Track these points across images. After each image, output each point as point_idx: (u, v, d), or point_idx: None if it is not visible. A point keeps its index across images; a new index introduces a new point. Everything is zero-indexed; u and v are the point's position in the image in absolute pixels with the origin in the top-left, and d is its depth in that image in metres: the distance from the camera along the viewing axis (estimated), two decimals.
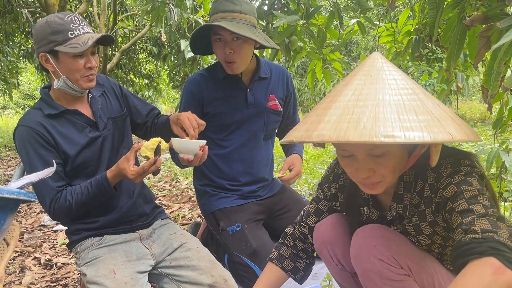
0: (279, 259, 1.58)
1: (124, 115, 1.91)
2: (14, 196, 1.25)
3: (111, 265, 1.66)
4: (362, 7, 3.21)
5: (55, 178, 1.65)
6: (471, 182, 1.11)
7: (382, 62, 1.14)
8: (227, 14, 1.92)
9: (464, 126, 1.05)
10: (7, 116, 17.52)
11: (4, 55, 8.21)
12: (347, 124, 0.99)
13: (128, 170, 1.57)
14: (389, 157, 1.14)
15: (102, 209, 1.79)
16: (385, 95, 1.03)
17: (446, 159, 1.17)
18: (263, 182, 2.27)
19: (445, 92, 3.29)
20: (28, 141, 1.65)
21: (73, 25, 1.62)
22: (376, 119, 0.98)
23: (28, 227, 3.72)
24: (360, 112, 1.00)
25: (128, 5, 10.51)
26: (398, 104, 1.01)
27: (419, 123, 0.97)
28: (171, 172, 5.57)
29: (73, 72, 1.64)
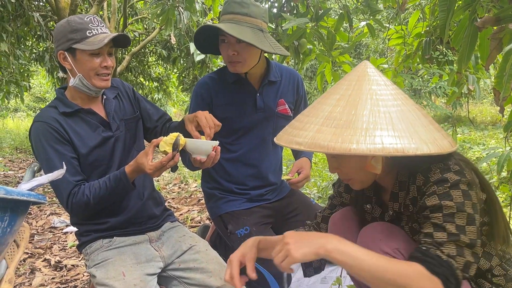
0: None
1: (137, 118, 1.94)
2: (24, 198, 1.25)
3: (120, 267, 1.66)
4: (372, 10, 3.20)
5: (72, 172, 1.68)
6: (453, 196, 1.13)
7: (370, 72, 1.23)
8: (233, 16, 1.92)
9: (433, 140, 1.12)
10: (18, 119, 17.68)
11: (15, 58, 8.30)
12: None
13: (146, 165, 1.57)
14: (343, 158, 1.27)
15: (112, 210, 1.80)
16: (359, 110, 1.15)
17: (436, 163, 1.19)
18: (271, 186, 2.25)
19: (456, 94, 3.27)
20: (44, 136, 1.68)
21: (92, 24, 1.67)
22: (302, 128, 1.20)
23: (38, 229, 3.74)
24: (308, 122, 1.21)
25: (138, 9, 10.58)
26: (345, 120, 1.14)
27: (332, 135, 1.12)
28: (180, 174, 5.58)
29: (89, 70, 1.68)
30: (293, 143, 1.18)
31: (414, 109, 1.18)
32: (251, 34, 1.89)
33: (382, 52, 13.37)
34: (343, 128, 1.11)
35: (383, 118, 1.12)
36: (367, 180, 1.32)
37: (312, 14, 3.14)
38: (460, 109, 13.31)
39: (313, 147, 1.12)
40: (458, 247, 1.10)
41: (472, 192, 1.14)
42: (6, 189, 1.13)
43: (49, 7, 8.33)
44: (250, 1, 1.93)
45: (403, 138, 1.09)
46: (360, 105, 1.15)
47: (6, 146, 9.49)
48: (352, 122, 1.12)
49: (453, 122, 4.14)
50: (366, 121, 1.11)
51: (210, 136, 1.67)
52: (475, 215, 1.12)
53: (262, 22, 1.96)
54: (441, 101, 14.68)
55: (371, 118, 1.12)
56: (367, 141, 1.08)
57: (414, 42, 3.64)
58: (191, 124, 1.74)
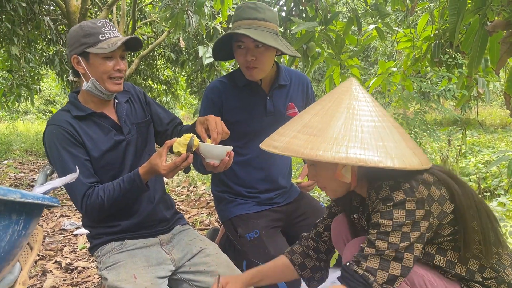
0: (290, 252, 1.69)
1: (148, 122, 1.95)
2: (39, 201, 1.27)
3: (131, 269, 1.68)
4: (381, 13, 3.20)
5: (86, 174, 1.70)
6: (393, 216, 1.21)
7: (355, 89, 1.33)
8: (250, 22, 1.92)
9: (403, 155, 1.20)
10: (28, 121, 17.85)
11: (26, 62, 8.39)
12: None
13: (161, 166, 1.59)
14: (321, 167, 1.38)
15: (123, 214, 1.81)
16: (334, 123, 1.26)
17: (388, 180, 1.26)
18: (280, 189, 2.26)
19: (465, 98, 3.26)
20: (58, 139, 1.70)
21: (104, 28, 1.70)
22: (281, 134, 1.34)
23: (49, 231, 3.78)
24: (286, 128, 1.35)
25: (146, 12, 10.65)
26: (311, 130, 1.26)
27: (304, 141, 1.23)
28: (189, 177, 5.60)
29: (102, 74, 1.71)
30: (271, 146, 1.31)
31: (389, 126, 1.27)
32: (271, 39, 1.90)
33: (390, 55, 13.33)
34: (315, 136, 1.22)
35: (354, 130, 1.22)
36: (340, 189, 1.41)
37: (320, 18, 3.15)
38: (469, 111, 13.23)
39: (286, 151, 1.24)
40: (382, 261, 1.19)
41: (419, 211, 1.20)
42: (22, 193, 1.15)
43: (59, 11, 8.40)
44: (264, 6, 1.95)
45: (368, 150, 1.18)
46: (336, 117, 1.26)
47: (16, 148, 9.58)
48: (324, 131, 1.23)
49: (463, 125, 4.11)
50: (337, 131, 1.22)
51: (216, 141, 1.68)
52: (411, 233, 1.20)
53: (276, 26, 1.98)
54: (450, 103, 14.60)
55: (342, 129, 1.22)
56: (333, 150, 1.18)
57: (423, 45, 3.64)
58: (201, 126, 1.76)
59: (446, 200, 1.25)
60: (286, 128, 1.34)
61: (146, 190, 1.73)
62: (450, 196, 1.26)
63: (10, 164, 7.52)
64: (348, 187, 1.40)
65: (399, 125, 1.32)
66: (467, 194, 1.28)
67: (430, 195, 1.23)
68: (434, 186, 1.25)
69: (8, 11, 7.13)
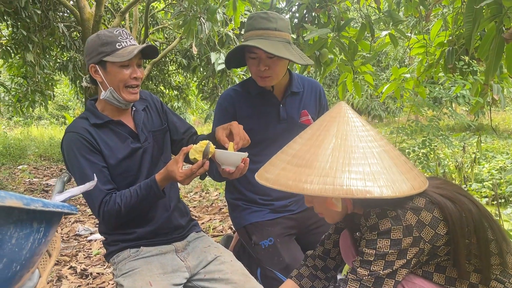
0: (298, 277, 1.66)
1: (164, 130, 1.97)
2: (59, 209, 1.29)
3: (147, 276, 1.69)
4: (394, 20, 3.19)
5: (103, 181, 1.72)
6: (377, 245, 1.21)
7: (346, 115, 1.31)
8: (263, 32, 1.93)
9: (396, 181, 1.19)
10: (42, 127, 18.05)
11: (41, 68, 8.51)
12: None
13: (177, 172, 1.60)
14: (313, 196, 1.35)
15: (139, 221, 1.83)
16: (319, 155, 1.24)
17: (376, 208, 1.25)
18: (295, 196, 2.26)
19: (480, 104, 3.23)
20: (76, 146, 1.72)
21: (121, 37, 1.72)
22: (273, 164, 1.34)
23: (63, 236, 3.82)
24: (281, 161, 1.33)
25: (158, 18, 10.74)
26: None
27: (293, 173, 1.23)
28: (201, 183, 5.62)
29: (119, 82, 1.73)
30: (263, 178, 1.30)
31: (380, 151, 1.24)
32: (284, 49, 1.91)
33: (402, 60, 13.28)
34: (303, 168, 1.21)
35: (342, 158, 1.20)
36: (336, 215, 1.41)
37: (333, 25, 3.15)
38: (482, 117, 13.10)
39: (275, 184, 1.23)
40: (362, 286, 1.22)
41: (406, 239, 1.19)
42: (43, 202, 1.17)
43: (73, 18, 8.52)
44: (276, 15, 1.96)
45: (355, 180, 1.16)
46: (324, 146, 1.24)
47: (30, 153, 9.69)
48: (311, 162, 1.21)
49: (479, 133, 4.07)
50: (325, 161, 1.20)
51: (238, 146, 1.70)
52: (396, 261, 1.20)
53: (288, 35, 1.99)
54: (463, 109, 14.48)
55: (330, 159, 1.20)
56: (320, 182, 1.16)
57: (437, 51, 3.62)
58: (222, 131, 1.77)
59: (439, 222, 1.24)
60: (277, 158, 1.34)
61: (163, 196, 1.74)
62: (444, 217, 1.24)
63: (25, 169, 7.61)
64: (345, 212, 1.39)
65: (392, 148, 1.29)
66: (465, 211, 1.26)
67: (420, 221, 1.22)
68: (425, 210, 1.23)
69: (23, 18, 7.25)
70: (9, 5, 6.74)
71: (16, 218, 1.09)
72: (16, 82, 9.36)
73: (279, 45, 1.91)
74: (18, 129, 16.73)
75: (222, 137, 1.75)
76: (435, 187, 1.30)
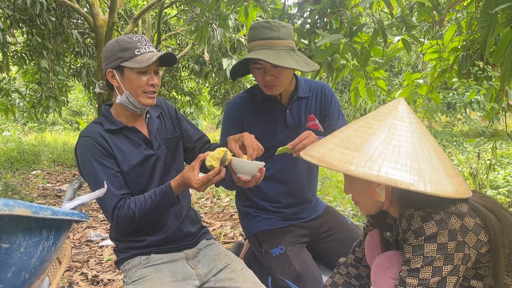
0: (333, 285, 1.66)
1: (177, 138, 1.97)
2: (68, 217, 1.29)
3: (157, 284, 1.67)
4: (407, 25, 3.16)
5: (117, 186, 1.72)
6: (424, 250, 1.19)
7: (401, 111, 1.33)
8: (266, 42, 1.92)
9: (439, 180, 1.18)
10: (56, 132, 18.25)
11: (55, 74, 8.62)
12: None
13: (193, 179, 1.59)
14: (356, 181, 1.36)
15: (150, 229, 1.82)
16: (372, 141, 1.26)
17: (419, 211, 1.23)
18: (305, 204, 2.24)
19: (495, 110, 3.18)
20: (90, 151, 1.73)
21: (140, 43, 1.73)
22: (320, 144, 1.37)
23: (75, 242, 3.83)
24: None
25: (171, 25, 10.82)
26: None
27: (340, 154, 1.25)
28: (213, 189, 5.62)
29: (136, 88, 1.74)
30: (308, 155, 1.33)
31: (430, 151, 1.24)
32: (289, 58, 1.90)
33: (415, 66, 13.18)
34: (351, 151, 1.23)
35: (391, 150, 1.21)
36: (373, 207, 1.40)
37: (345, 30, 3.13)
38: (497, 122, 12.93)
39: (320, 162, 1.26)
40: None
41: (451, 243, 1.18)
42: (52, 210, 1.17)
43: (87, 25, 8.62)
44: (279, 24, 1.94)
45: (402, 171, 1.16)
46: (376, 135, 1.25)
47: (44, 159, 9.79)
48: (361, 147, 1.22)
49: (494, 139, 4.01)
50: (374, 149, 1.21)
51: (252, 158, 1.68)
52: (443, 267, 1.18)
53: (292, 42, 1.97)
54: (477, 114, 14.31)
55: (379, 148, 1.21)
56: (366, 166, 1.17)
57: (450, 56, 3.57)
58: (235, 143, 1.76)
59: (481, 229, 1.22)
60: (326, 140, 1.35)
61: (178, 203, 1.72)
62: (485, 226, 1.23)
63: (38, 174, 7.69)
64: (381, 206, 1.38)
65: (442, 151, 1.29)
66: (507, 224, 1.24)
67: (463, 225, 1.20)
68: (468, 215, 1.22)
69: (38, 25, 7.36)
70: (24, 12, 6.84)
71: (25, 227, 1.08)
72: (31, 88, 9.51)
73: (283, 54, 1.90)
74: (32, 134, 16.94)
75: (235, 149, 1.73)
76: (477, 198, 1.29)
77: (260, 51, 1.90)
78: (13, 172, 8.04)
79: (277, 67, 1.90)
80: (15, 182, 6.79)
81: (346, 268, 1.68)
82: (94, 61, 9.57)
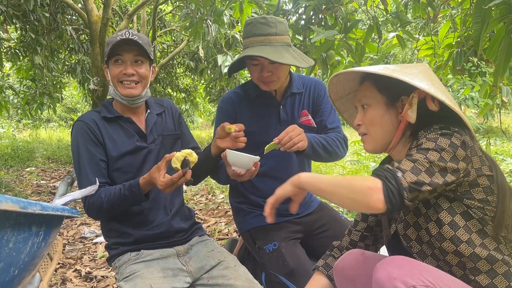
0: (325, 267, 1.62)
1: (176, 136, 2.01)
2: (59, 213, 1.28)
3: (148, 280, 1.66)
4: (402, 21, 3.15)
5: (97, 173, 1.77)
6: (438, 139, 1.20)
7: None
8: (264, 38, 1.91)
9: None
10: (50, 129, 18.17)
11: (49, 71, 8.56)
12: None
13: (158, 180, 1.60)
14: (372, 109, 1.37)
15: (137, 223, 1.83)
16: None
17: (439, 123, 1.26)
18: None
19: (489, 106, 3.19)
20: (81, 135, 1.80)
21: (120, 36, 1.76)
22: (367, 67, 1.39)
23: (69, 239, 3.81)
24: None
25: (166, 21, 10.77)
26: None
27: (390, 71, 1.30)
28: (208, 185, 5.61)
29: (113, 78, 1.81)
30: (349, 71, 1.41)
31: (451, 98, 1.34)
32: (287, 54, 1.89)
33: (410, 62, 13.19)
34: (399, 72, 1.29)
35: (430, 80, 1.30)
36: (381, 139, 1.39)
37: (340, 26, 3.12)
38: (491, 119, 12.98)
39: (373, 70, 1.30)
40: (415, 168, 1.16)
41: (461, 150, 1.18)
42: (42, 205, 1.16)
43: (81, 21, 8.57)
44: (275, 19, 1.93)
45: (438, 93, 1.25)
46: (411, 67, 1.35)
47: (39, 156, 9.74)
48: (405, 69, 1.32)
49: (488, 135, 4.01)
50: (413, 73, 1.30)
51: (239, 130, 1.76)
52: (448, 162, 1.17)
53: (288, 37, 1.97)
54: (471, 111, 14.35)
55: (420, 75, 1.30)
56: (411, 81, 1.24)
57: (445, 53, 3.57)
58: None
59: (485, 165, 1.23)
60: (363, 67, 1.41)
61: (144, 200, 1.76)
62: (492, 164, 1.25)
63: (33, 171, 7.64)
64: (389, 141, 1.38)
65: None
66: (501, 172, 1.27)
67: (473, 148, 1.22)
68: (480, 149, 1.25)
69: (32, 21, 7.30)
70: (17, 8, 6.79)
71: (14, 222, 1.07)
72: (25, 85, 9.44)
73: (281, 50, 1.90)
74: (27, 131, 16.86)
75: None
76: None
77: (259, 47, 1.89)
78: (7, 169, 8.00)
79: (275, 63, 1.89)
80: (9, 179, 6.75)
81: (340, 251, 1.64)
82: (88, 57, 9.52)
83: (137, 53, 1.80)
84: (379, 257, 1.53)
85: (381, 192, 1.11)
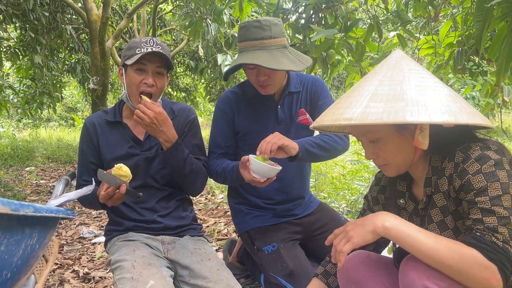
0: (325, 275, 1.58)
1: None
2: (53, 214, 1.25)
3: (131, 247, 1.77)
4: (402, 20, 3.13)
5: (85, 172, 1.92)
6: (499, 176, 1.12)
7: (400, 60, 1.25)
8: (258, 42, 1.87)
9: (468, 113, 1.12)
10: (50, 128, 18.13)
11: (49, 70, 8.54)
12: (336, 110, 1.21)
13: (100, 194, 1.66)
14: (384, 142, 1.26)
15: (127, 215, 1.90)
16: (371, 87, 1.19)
17: (475, 142, 1.20)
18: (298, 200, 2.20)
19: (490, 106, 3.17)
20: (82, 134, 1.95)
21: (145, 44, 1.78)
22: (347, 106, 1.17)
23: (68, 239, 3.79)
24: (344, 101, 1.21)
25: (166, 20, 10.76)
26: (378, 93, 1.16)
27: (383, 108, 1.11)
28: (207, 185, 5.58)
29: (131, 85, 1.82)
30: (341, 119, 1.16)
31: (450, 89, 1.20)
32: (283, 58, 1.86)
33: None
34: (393, 102, 1.12)
35: (430, 92, 1.13)
36: (403, 164, 1.31)
37: (340, 25, 3.09)
38: (492, 119, 12.93)
39: (365, 120, 1.11)
40: (510, 231, 1.08)
41: (511, 170, 1.14)
42: (35, 207, 1.13)
43: (81, 20, 8.55)
44: (269, 22, 1.88)
45: (451, 112, 1.09)
46: (405, 83, 1.16)
47: (38, 155, 9.71)
48: (401, 96, 1.13)
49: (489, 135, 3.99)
50: (415, 94, 1.12)
51: None
52: None
53: (283, 39, 1.93)
54: None
55: (418, 92, 1.13)
56: (420, 111, 1.08)
57: (446, 52, 3.55)
58: None
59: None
60: (349, 102, 1.19)
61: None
62: None
63: (32, 171, 7.63)
64: (411, 161, 1.30)
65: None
66: None
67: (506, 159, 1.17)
68: (506, 151, 1.19)
69: (31, 20, 7.28)
70: (17, 7, 6.77)
71: (5, 224, 1.05)
72: (24, 84, 9.43)
73: (277, 54, 1.87)
74: (26, 131, 16.83)
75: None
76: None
77: (253, 52, 1.86)
78: (7, 168, 7.97)
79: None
80: (8, 178, 6.73)
81: None
82: (88, 56, 9.50)
83: (160, 65, 1.82)
84: (385, 259, 1.51)
85: (500, 281, 1.05)
